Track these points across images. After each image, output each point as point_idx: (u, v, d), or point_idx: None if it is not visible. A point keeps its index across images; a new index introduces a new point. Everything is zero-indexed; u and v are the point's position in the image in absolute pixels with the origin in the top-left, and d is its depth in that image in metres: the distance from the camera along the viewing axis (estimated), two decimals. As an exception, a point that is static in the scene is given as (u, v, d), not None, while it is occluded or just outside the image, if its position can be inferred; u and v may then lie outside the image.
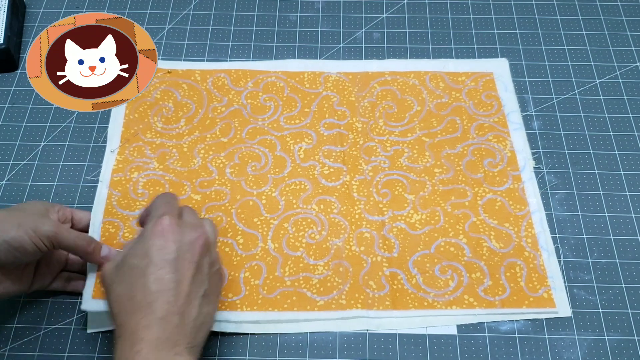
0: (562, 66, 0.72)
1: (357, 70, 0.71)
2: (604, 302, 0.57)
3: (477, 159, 0.65)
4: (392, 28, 0.76)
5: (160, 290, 0.44)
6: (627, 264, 0.59)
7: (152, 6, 0.78)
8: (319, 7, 0.78)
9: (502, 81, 0.71)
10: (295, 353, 0.55)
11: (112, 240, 0.59)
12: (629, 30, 0.75)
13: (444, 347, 0.55)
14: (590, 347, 0.55)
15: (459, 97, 0.69)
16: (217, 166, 0.65)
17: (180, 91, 0.69)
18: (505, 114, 0.68)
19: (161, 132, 0.67)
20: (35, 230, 0.49)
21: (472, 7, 0.78)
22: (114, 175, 0.63)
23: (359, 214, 0.62)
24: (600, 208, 0.62)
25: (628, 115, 0.69)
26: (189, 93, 0.69)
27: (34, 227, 0.49)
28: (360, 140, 0.66)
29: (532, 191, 0.63)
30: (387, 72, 0.71)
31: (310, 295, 0.57)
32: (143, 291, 0.44)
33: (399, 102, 0.69)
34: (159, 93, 0.69)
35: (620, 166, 0.65)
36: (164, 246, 0.45)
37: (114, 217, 0.60)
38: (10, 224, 0.48)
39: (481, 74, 0.71)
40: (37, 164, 0.65)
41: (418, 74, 0.71)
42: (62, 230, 0.50)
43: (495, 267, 0.58)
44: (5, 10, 0.72)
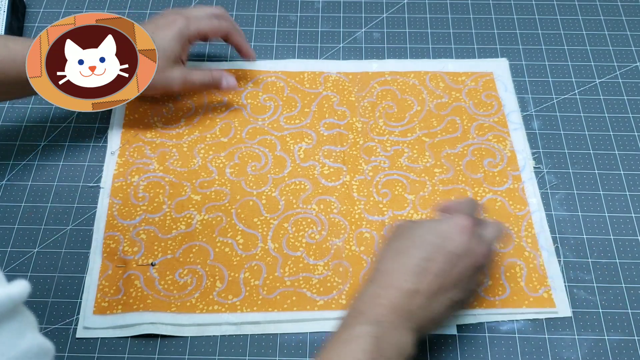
0: (562, 66, 0.72)
1: (357, 71, 0.71)
2: (604, 302, 0.57)
3: (477, 159, 0.65)
4: (392, 28, 0.76)
5: (429, 271, 0.47)
6: (627, 264, 0.59)
7: (152, 6, 0.78)
8: (319, 7, 0.78)
9: (502, 81, 0.71)
10: (295, 353, 0.55)
11: (113, 256, 0.59)
12: (629, 30, 0.75)
13: (444, 347, 0.55)
14: (590, 347, 0.55)
15: (459, 97, 0.69)
16: (217, 166, 0.65)
17: None
18: (505, 114, 0.68)
19: (161, 132, 0.67)
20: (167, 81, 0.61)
21: (472, 7, 0.78)
22: (115, 181, 0.63)
23: (359, 214, 0.62)
24: (600, 208, 0.62)
25: (628, 115, 0.69)
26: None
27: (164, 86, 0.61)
28: (360, 140, 0.66)
29: (532, 191, 0.63)
30: (387, 72, 0.71)
31: (310, 295, 0.57)
32: (417, 260, 0.47)
33: (399, 102, 0.69)
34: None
35: (620, 166, 0.65)
36: (457, 241, 0.48)
37: (114, 230, 0.60)
38: None
39: (481, 74, 0.71)
40: (37, 164, 0.65)
41: (418, 74, 0.71)
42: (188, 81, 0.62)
43: (495, 267, 0.58)
44: (5, 10, 0.72)
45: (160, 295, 0.56)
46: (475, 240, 0.49)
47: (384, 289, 0.47)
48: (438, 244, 0.48)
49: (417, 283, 0.46)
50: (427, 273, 0.47)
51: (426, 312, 0.47)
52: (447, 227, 0.49)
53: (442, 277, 0.47)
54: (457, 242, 0.48)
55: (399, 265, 0.48)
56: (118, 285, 0.57)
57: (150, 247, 0.59)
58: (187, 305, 0.56)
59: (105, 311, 0.56)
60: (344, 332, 0.45)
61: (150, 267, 0.58)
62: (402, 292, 0.46)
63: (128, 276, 0.57)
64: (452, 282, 0.48)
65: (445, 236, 0.48)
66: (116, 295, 0.56)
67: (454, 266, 0.48)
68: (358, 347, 0.44)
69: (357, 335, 0.44)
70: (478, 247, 0.49)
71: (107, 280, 0.57)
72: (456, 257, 0.48)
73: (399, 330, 0.45)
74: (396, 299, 0.46)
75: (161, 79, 0.60)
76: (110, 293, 0.57)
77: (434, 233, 0.49)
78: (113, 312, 0.56)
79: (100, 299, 0.56)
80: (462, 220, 0.49)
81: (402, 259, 0.48)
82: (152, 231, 0.60)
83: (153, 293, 0.56)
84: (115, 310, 0.56)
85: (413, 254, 0.48)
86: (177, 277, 0.58)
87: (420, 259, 0.47)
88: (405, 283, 0.46)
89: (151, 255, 0.59)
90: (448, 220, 0.50)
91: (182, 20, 0.62)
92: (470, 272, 0.49)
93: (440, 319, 0.49)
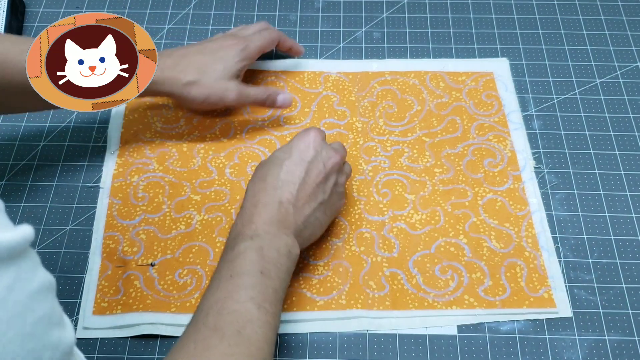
0: (562, 66, 0.72)
1: (357, 70, 0.71)
2: (605, 302, 0.57)
3: (477, 158, 0.65)
4: (392, 28, 0.76)
5: (288, 181, 0.53)
6: (628, 264, 0.59)
7: (152, 6, 0.78)
8: (319, 7, 0.78)
9: (503, 81, 0.70)
10: (295, 353, 0.54)
11: (112, 256, 0.59)
12: (629, 30, 0.75)
13: (444, 348, 0.55)
14: (590, 348, 0.55)
15: (459, 96, 0.69)
16: (216, 166, 0.65)
17: None
18: (505, 113, 0.68)
19: (161, 132, 0.67)
20: (224, 93, 0.62)
21: (472, 7, 0.78)
22: (114, 181, 0.63)
23: (358, 214, 0.61)
24: (600, 208, 0.62)
25: (628, 115, 0.68)
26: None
27: (220, 96, 0.62)
28: (360, 140, 0.66)
29: (533, 191, 0.63)
30: (387, 72, 0.71)
31: (310, 295, 0.57)
32: (274, 177, 0.53)
33: (399, 101, 0.69)
34: None
35: (621, 166, 0.65)
36: (305, 149, 0.54)
37: (114, 230, 0.60)
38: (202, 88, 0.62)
39: (481, 74, 0.71)
40: (36, 164, 0.65)
41: (418, 74, 0.71)
42: (243, 94, 0.63)
43: (495, 267, 0.58)
44: (4, 10, 0.72)
45: (160, 296, 0.56)
46: (325, 145, 0.55)
47: (254, 208, 0.52)
48: (291, 158, 0.54)
49: (280, 195, 0.52)
50: (287, 184, 0.52)
51: (298, 217, 0.52)
52: (297, 141, 0.55)
53: (301, 184, 0.53)
54: (307, 151, 0.54)
55: (263, 185, 0.53)
56: (117, 285, 0.57)
57: (150, 247, 0.59)
58: (187, 306, 0.56)
59: (105, 311, 0.56)
60: (229, 254, 0.49)
61: (149, 267, 0.58)
62: (268, 206, 0.51)
63: (128, 276, 0.57)
64: (313, 187, 0.53)
65: (294, 149, 0.54)
66: (116, 296, 0.56)
67: (309, 171, 0.53)
68: (244, 261, 0.48)
69: (241, 252, 0.49)
70: (328, 152, 0.55)
71: (107, 281, 0.57)
72: (308, 164, 0.53)
73: (277, 236, 0.50)
74: (266, 214, 0.51)
75: (219, 91, 0.62)
76: (109, 293, 0.57)
77: (286, 150, 0.55)
78: (113, 313, 0.56)
79: (99, 299, 0.56)
80: (307, 134, 0.55)
81: (265, 179, 0.53)
82: (151, 231, 0.60)
83: (153, 293, 0.56)
84: (115, 310, 0.56)
85: (272, 172, 0.53)
86: (177, 278, 0.57)
87: (278, 174, 0.53)
88: (269, 197, 0.52)
89: (151, 256, 0.59)
90: (297, 136, 0.56)
91: (243, 42, 0.64)
92: (329, 173, 0.54)
93: (317, 222, 0.54)
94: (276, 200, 0.52)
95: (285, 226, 0.51)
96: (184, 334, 0.46)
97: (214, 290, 0.47)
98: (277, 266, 0.49)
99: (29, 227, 0.30)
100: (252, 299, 0.46)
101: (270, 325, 0.46)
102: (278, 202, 0.52)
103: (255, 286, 0.47)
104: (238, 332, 0.44)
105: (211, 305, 0.46)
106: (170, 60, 0.61)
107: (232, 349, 0.43)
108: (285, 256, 0.50)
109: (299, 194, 0.52)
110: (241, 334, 0.44)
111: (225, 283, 0.47)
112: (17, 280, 0.29)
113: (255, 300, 0.46)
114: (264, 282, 0.47)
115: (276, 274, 0.49)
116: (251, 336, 0.44)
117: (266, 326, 0.45)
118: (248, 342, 0.44)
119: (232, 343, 0.43)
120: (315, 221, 0.54)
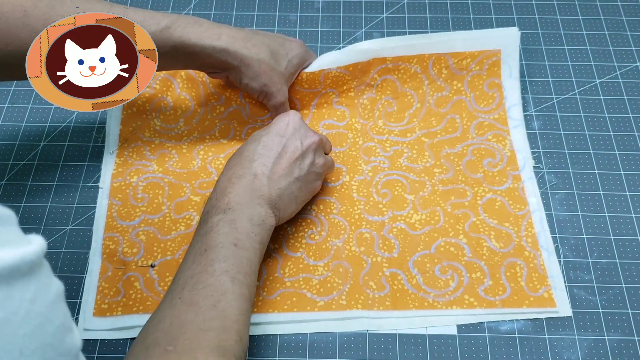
0: (562, 66, 0.72)
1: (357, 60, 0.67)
2: (604, 302, 0.57)
3: (476, 158, 0.65)
4: (392, 28, 0.76)
5: (263, 154, 0.54)
6: (627, 264, 0.59)
7: (152, 6, 0.78)
8: (319, 7, 0.78)
9: (508, 63, 0.68)
10: (295, 353, 0.55)
11: (112, 257, 0.59)
12: (629, 30, 0.75)
13: (444, 347, 0.55)
14: (590, 347, 0.55)
15: (460, 88, 0.68)
16: (216, 167, 0.65)
17: (179, 80, 0.69)
18: (505, 109, 0.67)
19: (160, 132, 0.67)
20: (274, 94, 0.62)
21: (472, 7, 0.78)
22: (113, 181, 0.63)
23: (358, 214, 0.61)
24: (600, 208, 0.62)
25: (628, 115, 0.68)
26: (187, 85, 0.69)
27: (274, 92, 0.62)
28: (360, 140, 0.66)
29: (532, 191, 0.63)
30: (389, 57, 0.67)
31: (311, 296, 0.57)
32: (251, 150, 0.55)
33: (399, 96, 0.68)
34: (158, 83, 0.68)
35: (620, 166, 0.65)
36: (284, 127, 0.56)
37: (114, 231, 0.60)
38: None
39: (487, 55, 0.68)
40: (36, 164, 0.65)
41: (421, 58, 0.67)
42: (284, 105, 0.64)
43: (495, 267, 0.58)
44: (4, 11, 0.72)
45: (160, 297, 0.56)
46: (304, 127, 0.57)
47: (229, 181, 0.53)
48: (269, 134, 0.55)
49: (255, 167, 0.53)
50: (263, 157, 0.54)
51: (272, 189, 0.53)
52: (276, 120, 0.57)
53: (277, 158, 0.54)
54: (285, 126, 0.56)
55: (239, 159, 0.54)
56: (118, 286, 0.57)
57: (150, 248, 0.59)
58: None
59: (105, 313, 0.56)
60: (203, 228, 0.50)
61: (150, 269, 0.58)
62: (242, 178, 0.53)
63: (128, 278, 0.57)
64: (289, 162, 0.55)
65: (273, 126, 0.56)
66: (116, 297, 0.56)
67: (286, 147, 0.55)
68: (217, 234, 0.49)
69: (214, 225, 0.50)
70: (307, 132, 0.57)
71: (107, 282, 0.57)
72: (285, 139, 0.55)
73: (249, 207, 0.51)
74: (240, 186, 0.52)
75: (275, 80, 0.62)
76: (110, 295, 0.57)
77: (265, 129, 0.57)
78: (113, 314, 0.56)
79: (100, 301, 0.56)
80: (286, 115, 0.57)
81: (241, 154, 0.55)
82: (151, 232, 0.60)
83: (153, 295, 0.56)
84: (115, 312, 0.56)
85: (249, 147, 0.55)
86: (177, 278, 0.57)
87: (255, 148, 0.55)
88: (244, 170, 0.53)
89: (151, 257, 0.59)
90: (277, 117, 0.58)
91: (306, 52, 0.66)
92: (306, 150, 0.56)
93: (292, 196, 0.55)
94: (251, 173, 0.53)
95: (259, 196, 0.52)
96: (159, 309, 0.46)
97: (189, 264, 0.48)
98: (251, 236, 0.50)
99: (41, 238, 0.31)
100: (227, 272, 0.47)
101: (245, 296, 0.47)
102: (252, 175, 0.53)
103: (229, 258, 0.48)
104: (213, 305, 0.45)
105: (186, 279, 0.47)
106: (242, 32, 0.60)
107: (207, 324, 0.44)
108: (258, 226, 0.51)
109: (275, 167, 0.54)
110: (216, 308, 0.45)
111: (199, 257, 0.48)
112: (38, 292, 0.29)
113: (229, 273, 0.47)
114: (238, 253, 0.48)
115: (250, 244, 0.50)
116: (226, 309, 0.45)
117: (241, 298, 0.46)
118: (223, 315, 0.45)
119: (207, 317, 0.44)
120: (290, 195, 0.55)
